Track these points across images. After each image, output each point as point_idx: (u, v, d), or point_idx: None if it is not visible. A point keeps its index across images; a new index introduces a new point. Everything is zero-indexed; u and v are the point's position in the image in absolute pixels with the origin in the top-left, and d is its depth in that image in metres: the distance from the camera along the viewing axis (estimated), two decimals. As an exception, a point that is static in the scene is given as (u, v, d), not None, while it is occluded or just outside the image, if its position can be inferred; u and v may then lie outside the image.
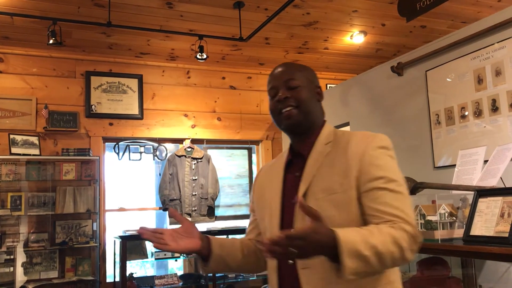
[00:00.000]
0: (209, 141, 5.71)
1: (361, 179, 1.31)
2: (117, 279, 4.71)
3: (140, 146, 5.30)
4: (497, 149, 2.40)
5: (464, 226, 2.05)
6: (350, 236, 1.16)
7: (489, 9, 4.33)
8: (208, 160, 5.43)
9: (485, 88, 3.09)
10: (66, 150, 4.82)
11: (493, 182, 2.24)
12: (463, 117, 3.25)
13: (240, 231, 5.37)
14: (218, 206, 5.56)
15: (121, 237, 4.57)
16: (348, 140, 1.40)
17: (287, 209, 1.42)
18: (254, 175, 5.97)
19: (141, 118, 5.37)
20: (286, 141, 5.87)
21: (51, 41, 4.12)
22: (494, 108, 3.02)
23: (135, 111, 5.35)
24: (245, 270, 1.66)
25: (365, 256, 1.15)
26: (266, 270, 1.54)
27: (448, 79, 3.38)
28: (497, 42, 3.01)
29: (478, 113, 3.14)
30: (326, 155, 1.40)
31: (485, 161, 2.45)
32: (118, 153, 5.20)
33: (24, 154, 4.65)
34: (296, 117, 1.43)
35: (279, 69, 1.50)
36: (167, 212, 5.20)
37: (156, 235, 1.38)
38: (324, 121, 1.52)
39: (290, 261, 1.20)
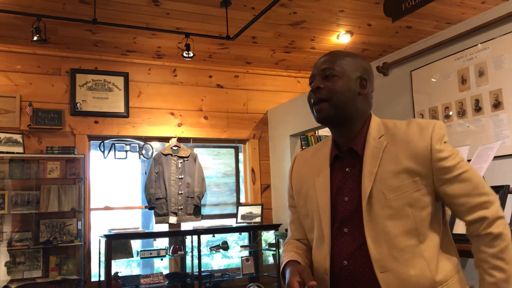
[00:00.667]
0: (195, 140, 5.69)
1: (435, 174, 1.31)
2: (102, 278, 4.68)
3: (126, 145, 5.27)
4: (480, 149, 2.43)
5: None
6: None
7: (473, 10, 4.39)
8: (195, 158, 5.42)
9: (469, 88, 3.13)
10: (51, 148, 4.77)
11: (475, 181, 2.27)
12: (447, 117, 3.29)
13: (226, 230, 5.37)
14: (204, 205, 5.55)
15: (106, 236, 4.54)
16: (406, 132, 1.35)
17: (338, 208, 1.38)
18: (241, 174, 5.98)
19: (127, 116, 5.34)
20: (273, 140, 5.89)
21: (35, 38, 4.08)
22: (477, 108, 3.06)
23: (121, 109, 5.31)
24: None
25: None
26: None
27: (432, 79, 3.42)
28: (481, 43, 3.05)
29: (461, 113, 3.18)
30: (384, 150, 1.34)
31: (468, 161, 2.48)
32: (103, 152, 5.16)
33: (7, 152, 4.60)
34: (326, 111, 1.38)
35: (322, 58, 1.44)
36: (152, 211, 5.18)
37: None
38: (370, 114, 1.45)
39: None
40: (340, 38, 5.06)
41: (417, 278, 1.27)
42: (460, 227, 1.97)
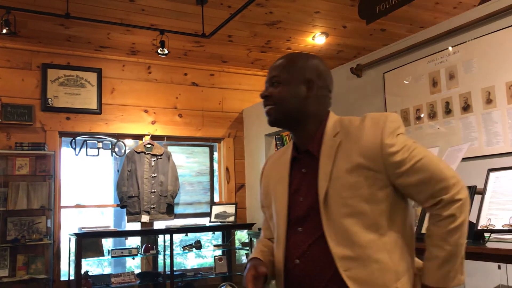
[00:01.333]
0: (169, 138, 5.65)
1: (388, 169, 1.31)
2: (72, 277, 4.60)
3: (98, 142, 5.19)
4: (449, 150, 2.48)
5: (416, 224, 2.11)
6: (435, 276, 1.30)
7: (445, 15, 4.48)
8: (168, 157, 5.37)
9: (440, 91, 3.19)
10: (20, 144, 4.66)
11: (444, 182, 2.31)
12: (418, 118, 3.35)
13: (200, 229, 5.35)
14: (177, 203, 5.51)
15: (76, 234, 4.46)
16: (358, 128, 1.36)
17: (294, 208, 1.41)
18: (216, 173, 5.97)
19: (100, 113, 5.26)
20: (248, 139, 5.89)
21: (4, 31, 3.98)
22: (448, 111, 3.12)
23: (94, 105, 5.23)
24: None
25: (454, 268, 1.29)
26: None
27: (405, 82, 3.47)
28: (452, 47, 3.11)
29: (432, 115, 3.24)
30: (338, 148, 1.36)
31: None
32: (75, 148, 5.07)
33: (-26, 148, 4.47)
34: (274, 115, 1.43)
35: (273, 64, 1.49)
36: (124, 209, 5.11)
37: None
38: (327, 113, 1.47)
39: None
40: (316, 39, 5.09)
41: (381, 273, 1.29)
42: (428, 227, 2.01)
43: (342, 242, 1.31)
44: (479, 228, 1.83)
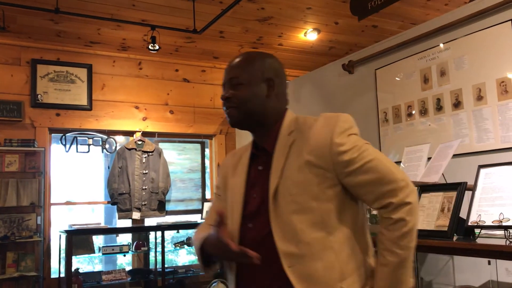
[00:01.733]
0: (160, 135, 5.62)
1: (336, 168, 1.31)
2: (62, 274, 4.56)
3: (89, 138, 5.15)
4: (440, 147, 2.49)
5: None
6: (386, 282, 1.29)
7: (437, 12, 4.49)
8: (160, 153, 5.34)
9: (431, 87, 3.20)
10: (9, 140, 4.61)
11: (435, 178, 2.32)
12: (409, 115, 3.36)
13: (191, 226, 5.33)
14: (169, 200, 5.49)
15: (67, 231, 4.43)
16: (311, 127, 1.38)
17: (250, 204, 1.41)
18: (207, 169, 5.95)
19: (90, 109, 5.22)
20: (239, 136, 5.88)
21: (-7, 26, 3.92)
22: (439, 107, 3.13)
23: (84, 101, 5.19)
24: None
25: (407, 270, 1.29)
26: None
27: (396, 78, 3.48)
28: (443, 44, 3.12)
29: (423, 112, 3.25)
30: (291, 146, 1.38)
31: (429, 158, 2.54)
32: (65, 145, 5.03)
33: (-38, 144, 4.42)
34: (236, 117, 1.43)
35: (230, 64, 1.48)
36: (115, 206, 5.09)
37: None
38: (285, 111, 1.48)
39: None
40: (308, 35, 5.09)
41: (325, 271, 1.29)
42: (419, 223, 2.01)
43: (288, 238, 1.31)
44: (469, 224, 1.84)
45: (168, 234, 5.09)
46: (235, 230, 1.42)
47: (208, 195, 5.89)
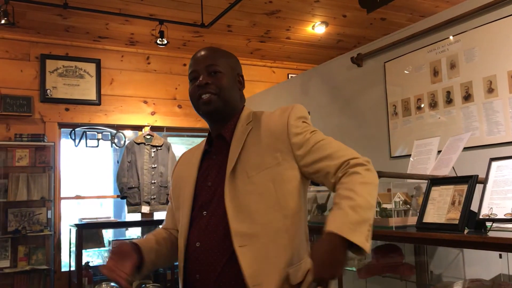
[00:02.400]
0: (169, 129, 5.64)
1: (294, 149, 1.35)
2: (73, 268, 4.61)
3: (98, 133, 5.18)
4: (450, 140, 2.48)
5: (418, 213, 2.11)
6: (339, 220, 1.20)
7: (446, 3, 4.45)
8: (168, 148, 5.36)
9: (440, 80, 3.18)
10: (20, 135, 4.65)
11: (445, 171, 2.31)
12: (419, 108, 3.34)
13: (200, 219, 5.35)
14: (177, 194, 5.51)
15: (77, 225, 4.47)
16: (269, 117, 1.44)
17: (200, 194, 1.42)
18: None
19: (99, 104, 5.24)
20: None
21: (3, 21, 3.94)
22: (449, 100, 3.12)
23: (93, 96, 5.21)
24: (170, 262, 1.64)
25: (363, 219, 1.21)
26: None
27: (405, 71, 3.46)
28: (453, 36, 3.10)
29: (433, 105, 3.23)
30: (248, 134, 1.42)
31: (439, 151, 2.53)
32: (74, 140, 5.06)
33: (-27, 139, 4.46)
34: (215, 103, 1.43)
35: (202, 53, 1.48)
36: (125, 200, 5.12)
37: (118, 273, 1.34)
38: (243, 107, 1.53)
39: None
40: (316, 28, 5.06)
41: (277, 254, 1.29)
42: (430, 216, 2.01)
43: (242, 218, 1.31)
44: (480, 217, 1.83)
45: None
46: (185, 222, 1.42)
47: (216, 189, 5.91)
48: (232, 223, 1.31)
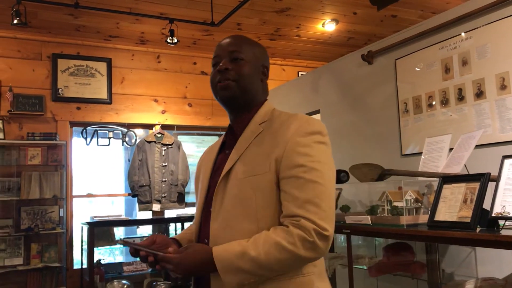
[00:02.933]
0: (179, 127, 5.66)
1: (282, 164, 1.25)
2: (85, 265, 4.65)
3: (109, 131, 5.21)
4: (462, 137, 2.46)
5: (429, 212, 2.10)
6: (226, 253, 1.20)
7: (457, 0, 4.41)
8: (179, 146, 5.38)
9: (452, 77, 3.15)
10: (32, 134, 4.70)
11: (457, 169, 2.29)
12: (430, 105, 3.31)
13: (210, 217, 5.36)
14: (188, 192, 5.53)
15: (88, 223, 4.51)
16: (283, 122, 1.33)
17: (212, 189, 1.39)
18: (225, 161, 5.97)
19: (110, 103, 5.28)
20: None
21: (15, 21, 3.98)
22: (460, 97, 3.09)
23: (104, 95, 5.25)
24: None
25: (244, 269, 1.18)
26: None
27: (416, 68, 3.43)
28: (464, 33, 3.07)
29: (445, 102, 3.20)
30: (258, 136, 1.34)
31: (451, 149, 2.51)
32: (86, 138, 5.10)
33: (-13, 138, 4.51)
34: (232, 90, 1.37)
35: (228, 40, 1.43)
36: (136, 198, 5.15)
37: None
38: (265, 100, 1.47)
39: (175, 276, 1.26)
40: (326, 26, 5.05)
41: None
42: (441, 214, 2.00)
43: (220, 221, 1.30)
44: (493, 215, 1.81)
45: (188, 225, 5.12)
46: (197, 217, 1.42)
47: (227, 187, 5.92)
48: (212, 224, 1.31)
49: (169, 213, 5.36)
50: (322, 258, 1.33)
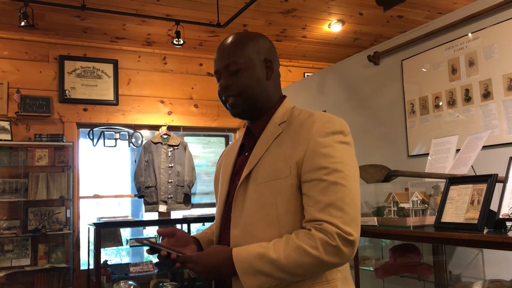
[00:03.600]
0: (185, 128, 5.67)
1: (304, 167, 1.21)
2: (91, 266, 4.66)
3: (115, 133, 5.23)
4: (469, 138, 2.45)
5: (436, 213, 2.09)
6: (246, 254, 1.17)
7: (464, 0, 4.39)
8: (185, 147, 5.39)
9: (459, 78, 3.14)
10: (39, 135, 4.72)
11: (464, 170, 2.28)
12: (437, 106, 3.30)
13: (216, 218, 5.37)
14: (194, 193, 5.54)
15: (95, 224, 4.52)
16: (302, 122, 1.28)
17: (232, 192, 1.35)
18: (231, 162, 5.97)
19: (116, 104, 5.30)
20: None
21: (22, 23, 4.00)
22: (467, 98, 3.07)
23: (110, 96, 5.27)
24: None
25: (263, 271, 1.15)
26: None
27: (423, 69, 3.42)
28: (471, 33, 3.05)
29: (451, 103, 3.19)
30: (277, 137, 1.29)
31: (457, 150, 2.49)
32: (92, 139, 5.12)
33: (-6, 139, 4.54)
34: (240, 106, 1.34)
35: (221, 50, 1.36)
36: (142, 199, 5.16)
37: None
38: (282, 98, 1.40)
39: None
40: (332, 27, 5.04)
41: None
42: (448, 216, 1.99)
43: (241, 228, 1.25)
44: (500, 217, 1.80)
45: (194, 226, 5.13)
46: (217, 220, 1.38)
47: (233, 188, 5.92)
48: (232, 230, 1.27)
49: (175, 214, 5.37)
50: (347, 263, 1.28)
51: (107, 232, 4.76)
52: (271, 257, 1.15)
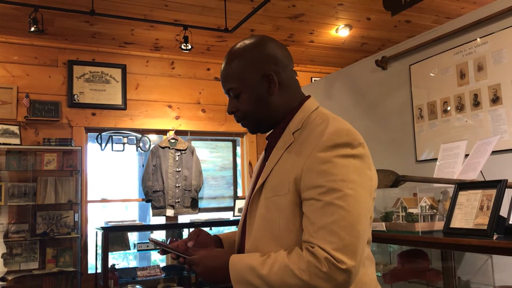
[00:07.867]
0: (193, 133, 5.68)
1: (302, 184, 1.14)
2: (99, 270, 4.68)
3: (123, 137, 5.26)
4: (477, 143, 2.43)
5: (444, 218, 2.08)
6: (240, 263, 1.16)
7: (473, 5, 4.38)
8: (192, 151, 5.41)
9: (467, 83, 3.12)
10: (48, 140, 4.75)
11: (473, 175, 2.27)
12: (445, 111, 3.29)
13: (223, 223, 5.38)
14: (201, 198, 5.55)
15: (103, 228, 4.54)
16: (312, 131, 1.20)
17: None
18: (239, 167, 5.98)
19: (125, 109, 5.32)
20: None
21: (32, 29, 4.05)
22: (476, 103, 3.06)
23: (119, 101, 5.29)
24: None
25: (253, 284, 1.13)
26: None
27: (431, 74, 3.41)
28: (480, 38, 3.04)
29: (460, 108, 3.17)
30: (289, 147, 1.23)
31: (466, 155, 2.48)
32: (100, 144, 5.15)
33: (4, 144, 4.58)
34: (250, 126, 1.35)
35: (220, 74, 1.35)
36: (149, 204, 5.17)
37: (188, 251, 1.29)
38: (303, 100, 1.32)
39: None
40: (339, 31, 5.04)
41: None
42: (457, 221, 1.98)
43: (251, 242, 1.24)
44: (510, 222, 1.79)
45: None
46: (239, 229, 1.36)
47: (239, 193, 5.93)
48: (246, 243, 1.26)
49: (182, 218, 5.38)
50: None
51: (114, 236, 4.78)
52: (261, 273, 1.12)
